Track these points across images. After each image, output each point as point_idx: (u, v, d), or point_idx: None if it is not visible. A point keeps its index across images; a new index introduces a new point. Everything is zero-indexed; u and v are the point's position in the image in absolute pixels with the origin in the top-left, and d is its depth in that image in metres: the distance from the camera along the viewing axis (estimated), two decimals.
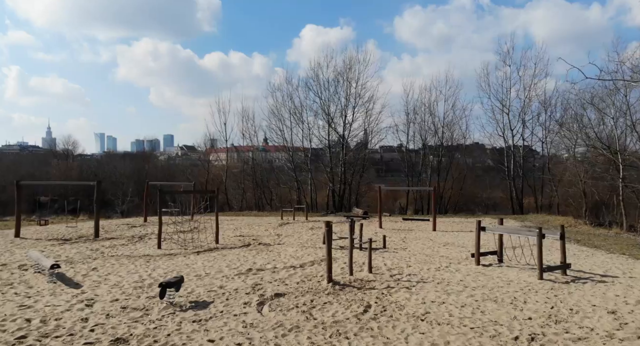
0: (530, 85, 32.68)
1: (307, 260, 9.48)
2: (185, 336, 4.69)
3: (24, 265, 9.03)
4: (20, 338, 4.59)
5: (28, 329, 4.89)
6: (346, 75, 33.18)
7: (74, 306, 5.84)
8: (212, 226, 13.97)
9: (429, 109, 34.33)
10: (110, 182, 46.24)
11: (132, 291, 6.69)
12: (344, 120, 33.80)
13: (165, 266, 8.90)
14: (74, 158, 58.97)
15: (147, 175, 53.71)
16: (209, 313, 5.52)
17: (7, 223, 23.10)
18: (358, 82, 33.23)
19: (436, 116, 34.38)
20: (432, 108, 34.31)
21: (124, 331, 4.81)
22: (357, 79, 33.23)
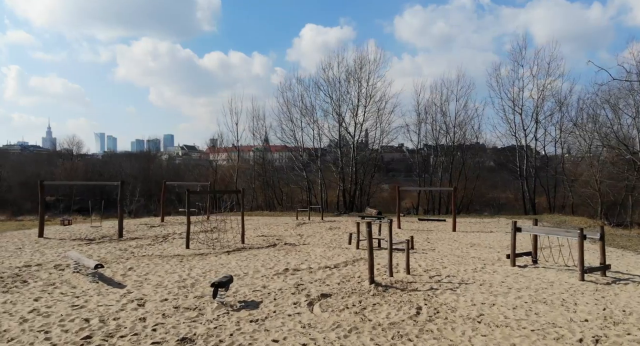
0: (543, 85, 32.49)
1: (339, 260, 9.47)
2: (248, 336, 4.70)
3: (59, 265, 9.10)
4: (86, 338, 4.62)
5: (90, 329, 4.92)
6: (357, 75, 33.18)
7: (126, 306, 5.87)
8: (232, 226, 14.02)
9: (440, 109, 34.25)
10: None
11: (178, 291, 6.71)
12: (355, 120, 33.80)
13: (201, 266, 8.93)
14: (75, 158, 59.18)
15: (153, 174, 53.95)
16: (263, 313, 5.53)
17: (24, 223, 23.36)
18: (369, 82, 33.23)
19: (447, 116, 34.30)
20: (444, 108, 34.23)
21: (186, 331, 4.83)
22: (368, 79, 33.23)
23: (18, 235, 15.45)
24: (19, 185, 47.14)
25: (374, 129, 34.10)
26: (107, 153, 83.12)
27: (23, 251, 11.16)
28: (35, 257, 10.17)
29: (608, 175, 27.17)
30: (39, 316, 5.42)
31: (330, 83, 34.00)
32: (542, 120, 33.33)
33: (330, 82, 33.99)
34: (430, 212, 32.38)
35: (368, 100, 33.32)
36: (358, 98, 33.32)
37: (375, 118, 33.66)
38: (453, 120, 34.19)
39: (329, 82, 34.05)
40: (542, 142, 34.17)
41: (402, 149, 53.93)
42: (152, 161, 62.60)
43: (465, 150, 34.62)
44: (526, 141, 34.05)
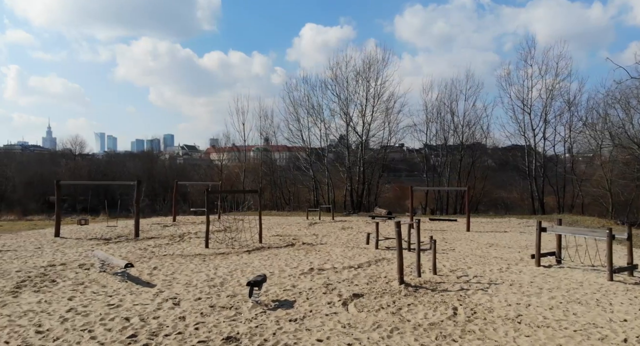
0: (552, 84, 32.34)
1: (361, 260, 9.46)
2: (291, 335, 4.70)
3: (83, 265, 9.14)
4: (131, 337, 4.64)
5: (133, 328, 4.94)
6: (365, 74, 33.15)
7: (162, 305, 5.89)
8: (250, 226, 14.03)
9: (449, 108, 34.15)
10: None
11: (209, 290, 6.72)
12: (362, 120, 33.77)
13: (225, 265, 8.95)
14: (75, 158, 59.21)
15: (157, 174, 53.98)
16: (300, 313, 5.53)
17: (35, 223, 23.46)
18: (377, 81, 33.20)
19: (456, 115, 34.21)
20: (453, 108, 34.14)
21: (228, 330, 4.83)
22: (377, 78, 33.20)
23: (33, 234, 15.55)
24: (23, 185, 47.26)
25: (382, 129, 34.09)
26: (109, 153, 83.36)
27: (43, 250, 11.22)
28: (58, 257, 10.22)
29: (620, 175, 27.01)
30: (77, 315, 5.45)
31: (338, 82, 34.02)
32: (551, 119, 33.22)
33: (338, 81, 34.01)
34: (437, 211, 32.31)
35: (376, 100, 33.31)
36: (366, 98, 33.32)
37: (383, 118, 33.62)
38: (462, 119, 34.18)
39: (336, 81, 34.07)
40: (552, 142, 34.06)
41: (402, 149, 53.85)
42: (155, 161, 62.84)
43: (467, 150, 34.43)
44: (535, 141, 33.93)
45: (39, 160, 60.34)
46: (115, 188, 45.19)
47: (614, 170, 28.18)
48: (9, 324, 5.10)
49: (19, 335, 4.72)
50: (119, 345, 4.44)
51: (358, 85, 33.70)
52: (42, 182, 49.27)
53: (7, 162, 52.06)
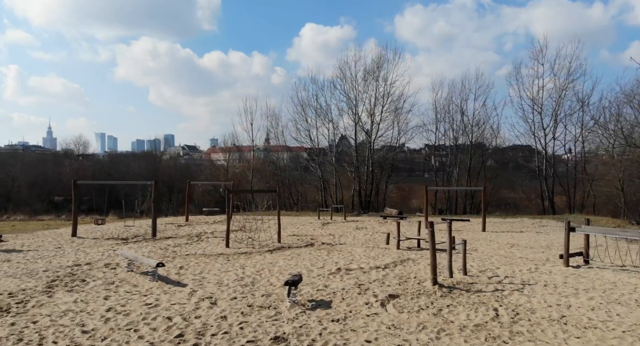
0: (564, 84, 32.11)
1: (386, 261, 9.39)
2: (338, 335, 4.65)
3: (109, 264, 9.15)
4: (179, 336, 4.61)
5: (177, 327, 4.92)
6: (375, 73, 33.06)
7: (200, 305, 5.87)
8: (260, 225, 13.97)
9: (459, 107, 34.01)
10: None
11: (242, 290, 6.70)
12: (372, 119, 33.69)
13: (251, 264, 8.92)
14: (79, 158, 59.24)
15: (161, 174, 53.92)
16: (339, 313, 5.49)
17: (47, 223, 23.51)
18: (387, 81, 33.11)
19: (466, 115, 34.06)
20: (462, 107, 33.99)
21: (274, 330, 4.80)
22: (386, 78, 33.10)
23: (49, 234, 15.58)
24: (27, 185, 47.30)
25: (391, 128, 34.00)
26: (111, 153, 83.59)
27: (64, 250, 11.25)
28: (81, 256, 10.24)
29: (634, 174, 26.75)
30: (118, 315, 5.44)
31: (347, 81, 33.95)
32: (562, 118, 32.98)
33: (347, 80, 33.95)
34: (446, 212, 32.16)
35: (385, 99, 33.23)
36: (375, 97, 33.23)
37: (392, 118, 33.52)
38: (471, 119, 34.02)
39: (345, 80, 34.01)
40: (562, 141, 33.82)
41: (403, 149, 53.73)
42: (159, 161, 62.92)
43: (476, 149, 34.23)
44: (545, 140, 33.70)
45: (43, 160, 60.39)
46: (119, 189, 45.33)
47: (626, 169, 27.93)
48: (51, 324, 5.09)
49: (65, 334, 4.72)
50: (168, 344, 4.42)
51: (367, 85, 33.66)
52: (46, 182, 49.48)
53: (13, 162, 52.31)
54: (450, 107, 34.19)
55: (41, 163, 56.37)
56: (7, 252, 11.13)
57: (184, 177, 51.98)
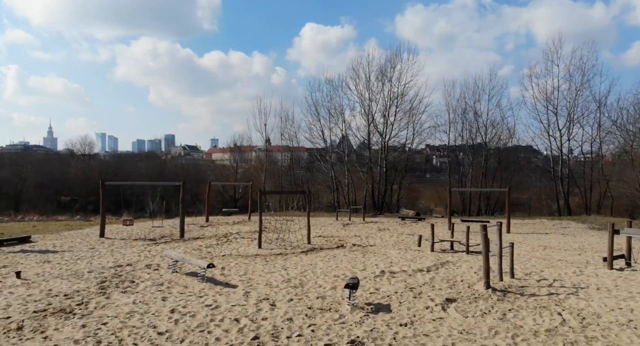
0: (579, 85, 31.82)
1: (426, 264, 9.33)
2: (413, 340, 4.64)
3: (150, 265, 9.21)
4: (255, 339, 4.63)
5: (249, 329, 4.93)
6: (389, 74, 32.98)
7: (260, 306, 5.88)
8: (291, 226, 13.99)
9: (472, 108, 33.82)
10: None
11: (294, 291, 6.70)
12: (385, 120, 33.62)
13: (291, 266, 8.93)
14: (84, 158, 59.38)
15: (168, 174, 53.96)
16: (403, 317, 5.47)
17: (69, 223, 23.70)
18: (401, 81, 33.01)
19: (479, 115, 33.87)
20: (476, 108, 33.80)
21: (346, 333, 4.79)
22: (400, 78, 33.00)
23: (76, 235, 15.71)
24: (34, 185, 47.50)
25: (405, 128, 33.90)
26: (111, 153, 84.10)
27: (99, 251, 11.33)
28: (118, 257, 10.31)
29: None
30: (184, 316, 5.47)
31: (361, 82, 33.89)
32: (578, 119, 32.68)
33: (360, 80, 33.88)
34: (460, 213, 31.98)
35: (399, 100, 33.13)
36: (390, 98, 33.15)
37: (407, 118, 33.42)
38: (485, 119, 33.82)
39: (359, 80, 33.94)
40: (579, 142, 33.52)
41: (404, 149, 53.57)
42: (165, 161, 63.05)
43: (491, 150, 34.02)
44: (561, 141, 33.42)
45: (47, 160, 60.59)
46: (126, 189, 45.43)
47: None
48: (122, 325, 5.13)
49: (141, 336, 4.75)
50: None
51: (380, 85, 33.57)
52: (53, 183, 49.70)
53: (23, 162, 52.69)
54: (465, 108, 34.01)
55: (47, 163, 56.61)
56: (42, 252, 11.25)
57: (191, 177, 52.05)
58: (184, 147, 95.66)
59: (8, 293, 6.76)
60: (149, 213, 36.38)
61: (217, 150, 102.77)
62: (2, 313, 5.62)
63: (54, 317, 5.45)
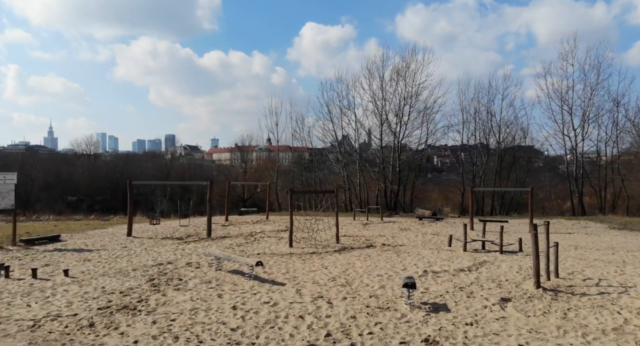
0: (595, 84, 31.60)
1: (464, 264, 9.31)
2: (486, 339, 4.67)
3: (190, 263, 9.31)
4: (328, 336, 4.69)
5: (318, 326, 4.99)
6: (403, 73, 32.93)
7: (318, 304, 5.94)
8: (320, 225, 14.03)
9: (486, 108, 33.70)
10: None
11: (344, 290, 6.75)
12: (399, 119, 33.58)
13: (330, 264, 8.98)
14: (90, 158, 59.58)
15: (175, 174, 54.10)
16: (466, 316, 5.50)
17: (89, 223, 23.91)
18: (415, 81, 32.95)
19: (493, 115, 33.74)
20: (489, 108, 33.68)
21: (415, 332, 4.84)
22: (414, 78, 32.94)
23: (102, 234, 15.85)
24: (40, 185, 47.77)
25: (419, 128, 33.85)
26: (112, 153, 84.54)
27: (133, 250, 11.46)
28: (155, 256, 10.44)
29: None
30: (247, 313, 5.54)
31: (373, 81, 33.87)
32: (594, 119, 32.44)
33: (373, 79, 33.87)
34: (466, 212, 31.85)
35: (413, 99, 33.08)
36: (404, 97, 33.11)
37: (422, 118, 33.37)
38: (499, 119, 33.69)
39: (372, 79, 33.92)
40: (594, 141, 33.29)
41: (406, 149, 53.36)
42: (173, 161, 63.24)
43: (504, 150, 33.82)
44: (576, 141, 33.20)
45: (52, 160, 60.86)
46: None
47: None
48: (192, 322, 5.22)
49: (215, 332, 4.83)
50: (325, 343, 4.49)
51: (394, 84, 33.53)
52: (60, 182, 50.05)
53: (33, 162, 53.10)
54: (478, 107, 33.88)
55: (54, 163, 56.94)
56: (77, 251, 11.41)
57: (197, 177, 52.11)
58: (184, 147, 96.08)
59: (63, 290, 6.89)
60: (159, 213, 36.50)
61: (218, 150, 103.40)
62: (68, 311, 5.73)
63: (120, 314, 5.55)
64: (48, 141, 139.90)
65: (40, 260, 9.87)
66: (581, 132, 32.82)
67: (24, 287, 7.14)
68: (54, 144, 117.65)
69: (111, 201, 43.81)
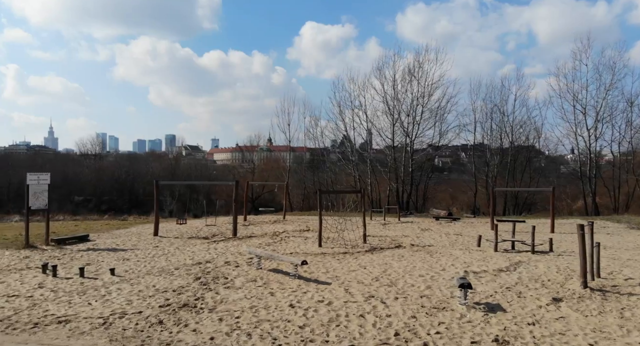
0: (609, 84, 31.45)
1: (501, 264, 9.31)
2: (555, 338, 4.73)
3: (229, 262, 9.44)
4: (396, 335, 4.78)
5: (382, 325, 5.08)
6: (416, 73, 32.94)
7: (373, 303, 6.03)
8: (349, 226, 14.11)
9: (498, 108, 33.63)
10: (146, 182, 46.90)
11: (390, 290, 6.83)
12: (412, 119, 33.58)
13: (366, 264, 9.07)
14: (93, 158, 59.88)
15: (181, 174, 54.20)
16: (524, 316, 5.55)
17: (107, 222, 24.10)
18: (427, 81, 32.94)
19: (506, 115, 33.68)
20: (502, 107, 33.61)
21: (481, 331, 4.91)
22: (427, 77, 32.94)
23: (128, 233, 16.01)
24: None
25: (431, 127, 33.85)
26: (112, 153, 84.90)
27: (167, 250, 11.61)
28: (191, 255, 10.59)
29: None
30: (306, 311, 5.64)
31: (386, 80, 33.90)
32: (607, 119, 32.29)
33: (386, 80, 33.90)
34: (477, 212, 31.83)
35: (427, 99, 33.08)
36: (417, 97, 33.12)
37: (435, 118, 33.36)
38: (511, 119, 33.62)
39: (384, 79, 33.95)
40: (607, 141, 33.13)
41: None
42: (179, 161, 63.50)
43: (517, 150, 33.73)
44: (590, 141, 33.06)
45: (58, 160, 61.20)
46: (138, 189, 45.91)
47: None
48: (257, 319, 5.32)
49: (285, 329, 4.93)
50: (396, 342, 4.58)
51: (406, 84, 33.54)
52: (66, 182, 50.30)
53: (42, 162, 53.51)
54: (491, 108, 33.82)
55: (60, 163, 57.27)
56: (111, 250, 11.58)
57: (204, 176, 52.21)
58: (185, 147, 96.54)
59: (117, 289, 7.03)
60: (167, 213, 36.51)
61: (219, 150, 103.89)
62: (131, 309, 5.87)
63: (183, 311, 5.68)
64: (49, 141, 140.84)
65: (79, 260, 10.04)
66: (594, 131, 32.79)
67: (76, 286, 7.29)
68: (54, 144, 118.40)
69: (117, 201, 44.11)
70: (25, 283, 7.48)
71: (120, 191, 46.31)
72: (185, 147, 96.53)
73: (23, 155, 68.37)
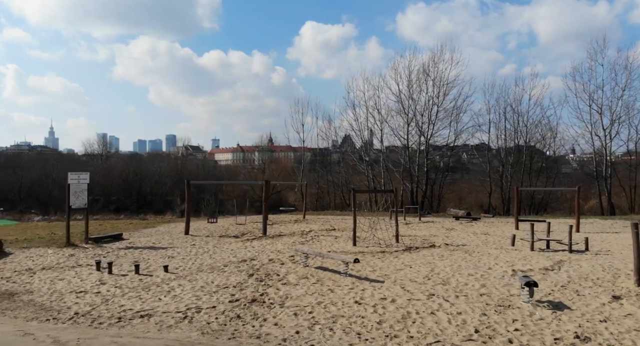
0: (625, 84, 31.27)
1: (542, 263, 9.34)
2: (632, 334, 4.82)
3: (272, 259, 9.60)
4: (476, 332, 4.88)
5: (458, 322, 5.19)
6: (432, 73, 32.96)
7: (437, 301, 6.14)
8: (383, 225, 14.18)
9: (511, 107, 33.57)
10: (154, 182, 47.26)
11: (450, 288, 6.93)
12: (428, 119, 33.61)
13: (411, 263, 9.17)
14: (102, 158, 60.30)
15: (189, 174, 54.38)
16: (592, 313, 5.62)
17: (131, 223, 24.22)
18: (443, 80, 32.95)
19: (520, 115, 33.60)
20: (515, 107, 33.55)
21: (557, 328, 5.01)
22: (442, 77, 32.94)
23: (159, 232, 16.28)
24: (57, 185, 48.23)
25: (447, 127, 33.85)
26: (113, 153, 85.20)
27: (204, 248, 11.83)
28: (232, 253, 10.75)
29: None
30: (376, 308, 5.77)
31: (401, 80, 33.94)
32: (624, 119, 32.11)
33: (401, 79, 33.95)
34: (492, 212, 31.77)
35: (442, 98, 33.09)
36: (432, 97, 33.14)
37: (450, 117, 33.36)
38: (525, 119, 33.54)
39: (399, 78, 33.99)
40: (624, 141, 32.94)
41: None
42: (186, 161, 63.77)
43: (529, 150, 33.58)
44: (605, 141, 32.88)
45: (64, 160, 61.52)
46: (145, 189, 46.22)
47: None
48: (330, 315, 5.46)
49: (364, 325, 5.07)
50: (481, 338, 4.69)
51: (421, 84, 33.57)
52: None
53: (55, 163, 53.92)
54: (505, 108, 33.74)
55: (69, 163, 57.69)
56: (150, 248, 11.79)
57: (212, 176, 52.38)
58: (186, 146, 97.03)
59: (178, 285, 7.22)
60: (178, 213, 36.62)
61: (220, 150, 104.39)
62: (203, 303, 6.04)
63: (256, 307, 5.83)
64: (49, 141, 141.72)
65: (124, 257, 10.25)
66: (610, 131, 32.62)
67: (137, 282, 7.48)
68: (55, 144, 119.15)
69: (125, 201, 44.41)
70: (85, 280, 7.69)
71: (128, 191, 46.60)
72: (186, 147, 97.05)
73: (26, 155, 69.01)
